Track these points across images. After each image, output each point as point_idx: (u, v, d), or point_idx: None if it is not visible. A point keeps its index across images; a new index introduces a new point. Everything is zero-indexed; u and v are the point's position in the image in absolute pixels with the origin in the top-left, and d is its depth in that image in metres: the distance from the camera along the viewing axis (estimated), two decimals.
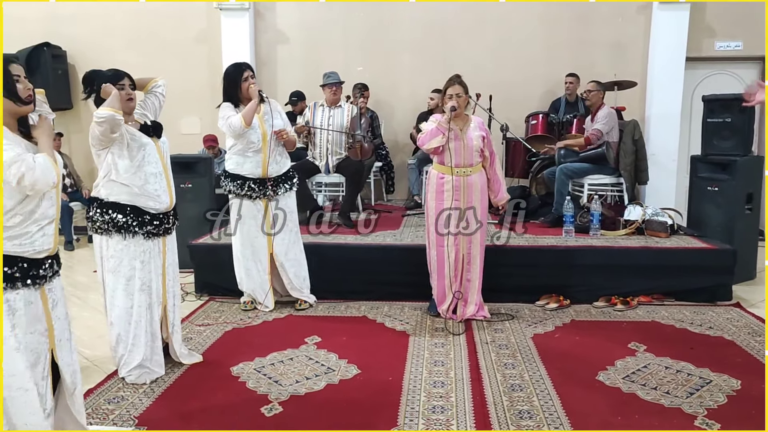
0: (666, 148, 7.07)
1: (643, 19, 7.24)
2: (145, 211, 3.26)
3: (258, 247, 4.50)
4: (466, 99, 4.21)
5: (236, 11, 7.29)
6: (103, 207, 3.23)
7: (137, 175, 3.22)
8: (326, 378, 3.40)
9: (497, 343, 3.90)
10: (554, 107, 7.03)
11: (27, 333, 2.32)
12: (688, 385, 3.27)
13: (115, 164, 3.19)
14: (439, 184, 4.24)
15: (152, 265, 3.34)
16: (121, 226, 3.22)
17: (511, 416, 2.96)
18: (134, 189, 3.22)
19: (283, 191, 4.48)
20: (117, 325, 3.31)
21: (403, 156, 7.61)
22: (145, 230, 3.26)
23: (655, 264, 4.80)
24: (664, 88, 7.03)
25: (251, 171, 4.40)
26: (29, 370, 2.32)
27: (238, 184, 4.43)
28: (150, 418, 2.96)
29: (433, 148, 4.18)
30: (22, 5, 7.20)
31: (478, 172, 4.25)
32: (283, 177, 4.48)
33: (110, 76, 3.22)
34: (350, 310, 4.62)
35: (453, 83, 4.19)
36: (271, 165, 4.39)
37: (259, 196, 4.41)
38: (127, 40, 7.48)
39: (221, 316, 4.50)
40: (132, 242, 3.25)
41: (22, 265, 2.28)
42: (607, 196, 6.18)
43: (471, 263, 4.30)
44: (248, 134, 4.32)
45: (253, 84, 4.30)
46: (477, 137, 4.19)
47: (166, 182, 3.35)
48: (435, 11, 7.38)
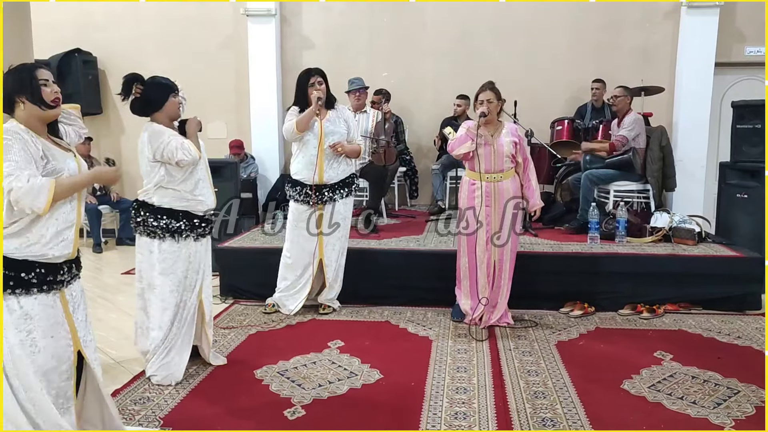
0: (694, 155, 6.96)
1: (671, 24, 7.16)
2: (194, 215, 3.38)
3: (306, 252, 4.50)
4: (497, 105, 4.20)
5: (263, 17, 7.37)
6: (156, 213, 3.32)
7: (188, 182, 3.35)
8: (349, 382, 3.41)
9: (521, 350, 3.88)
10: (580, 113, 6.98)
11: (47, 337, 2.32)
12: (715, 395, 3.22)
13: (170, 174, 3.31)
14: (471, 190, 4.24)
15: (199, 266, 3.46)
16: (175, 230, 3.33)
17: (534, 423, 2.94)
18: (186, 195, 3.34)
19: (340, 197, 4.48)
20: (160, 325, 3.38)
21: (427, 161, 7.61)
22: (196, 233, 3.39)
23: (682, 272, 4.73)
24: (693, 94, 6.94)
25: (308, 177, 4.42)
26: (45, 376, 2.32)
27: (297, 189, 4.48)
28: (175, 419, 2.99)
29: (463, 153, 4.17)
30: (55, 12, 7.35)
31: (509, 178, 4.22)
32: (340, 183, 4.48)
33: (169, 86, 3.33)
34: (373, 314, 4.62)
35: (485, 89, 4.18)
36: (327, 171, 4.41)
37: (316, 202, 4.44)
38: (156, 46, 7.60)
39: (245, 319, 4.54)
40: (183, 244, 3.36)
41: (39, 270, 2.30)
42: (633, 202, 6.11)
43: (502, 270, 4.28)
44: (306, 139, 4.37)
45: (315, 90, 4.33)
46: (508, 143, 4.16)
47: (209, 184, 3.48)
48: (460, 16, 7.38)
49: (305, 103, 4.39)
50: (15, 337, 2.26)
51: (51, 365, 2.34)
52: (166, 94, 3.30)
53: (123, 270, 5.95)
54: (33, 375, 2.29)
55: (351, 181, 4.59)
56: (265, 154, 7.52)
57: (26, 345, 2.28)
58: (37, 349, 2.30)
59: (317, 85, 4.35)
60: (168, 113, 3.34)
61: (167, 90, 3.32)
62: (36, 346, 2.29)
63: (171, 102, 3.32)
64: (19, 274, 2.26)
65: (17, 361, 2.27)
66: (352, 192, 4.60)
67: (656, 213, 5.47)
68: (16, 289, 2.26)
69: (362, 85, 5.90)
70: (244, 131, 7.68)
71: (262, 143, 7.52)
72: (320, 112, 4.40)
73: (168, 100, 3.31)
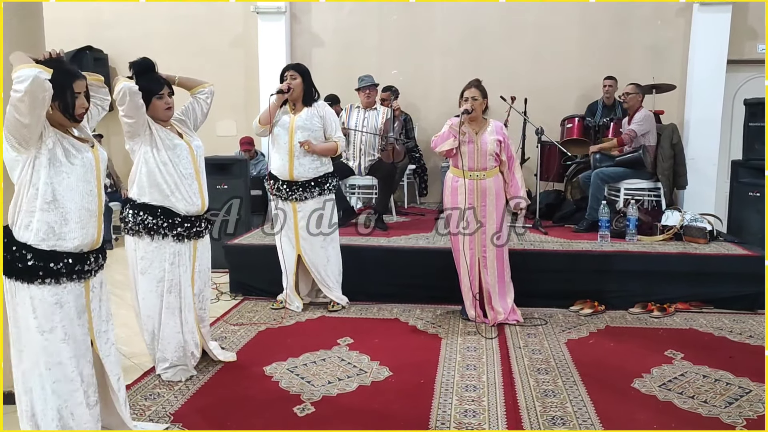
0: (706, 153, 6.92)
1: (683, 21, 7.11)
2: (175, 213, 3.28)
3: (288, 246, 4.54)
4: (482, 103, 4.16)
5: (273, 15, 7.38)
6: (135, 208, 3.27)
7: (168, 173, 3.24)
8: (358, 379, 3.41)
9: (530, 348, 3.87)
10: (591, 111, 6.94)
11: (75, 325, 2.40)
12: (726, 394, 3.19)
13: (146, 161, 3.23)
14: (454, 187, 4.23)
15: (182, 268, 3.36)
16: (151, 227, 3.25)
17: (544, 422, 2.93)
18: (165, 189, 3.25)
19: (310, 196, 4.44)
20: (148, 325, 3.37)
21: (437, 159, 7.59)
22: (175, 232, 3.29)
23: (693, 271, 4.70)
24: (704, 92, 6.89)
25: (281, 172, 4.46)
26: (75, 360, 2.39)
27: (271, 183, 4.52)
28: (185, 415, 3.01)
29: (445, 150, 4.17)
30: (67, 10, 7.39)
31: (493, 176, 4.20)
32: (312, 182, 4.45)
33: (151, 86, 3.24)
34: (382, 312, 4.62)
35: (470, 87, 4.18)
36: (296, 168, 4.41)
37: (287, 198, 4.46)
38: (166, 43, 7.61)
39: (255, 315, 4.55)
40: (162, 244, 3.28)
41: (67, 260, 2.35)
42: (644, 201, 6.07)
43: (487, 266, 4.25)
44: (277, 134, 4.44)
45: (281, 85, 4.37)
46: (492, 141, 4.14)
47: (198, 185, 3.37)
48: (470, 14, 7.37)
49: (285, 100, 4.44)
50: (47, 324, 2.33)
51: (80, 351, 2.42)
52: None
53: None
54: (66, 363, 2.37)
55: (325, 180, 4.50)
56: None
57: (57, 332, 2.35)
58: (67, 336, 2.37)
59: (289, 79, 4.38)
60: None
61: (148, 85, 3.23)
62: (66, 333, 2.36)
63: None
64: (48, 264, 2.31)
65: (48, 348, 2.34)
66: (326, 192, 4.51)
67: (667, 211, 5.44)
68: (46, 278, 2.31)
69: (371, 82, 5.90)
70: (253, 129, 7.67)
71: None
72: (295, 108, 4.43)
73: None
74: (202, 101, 3.56)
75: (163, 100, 3.28)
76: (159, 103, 3.27)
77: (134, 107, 3.11)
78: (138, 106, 3.12)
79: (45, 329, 2.33)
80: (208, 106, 3.59)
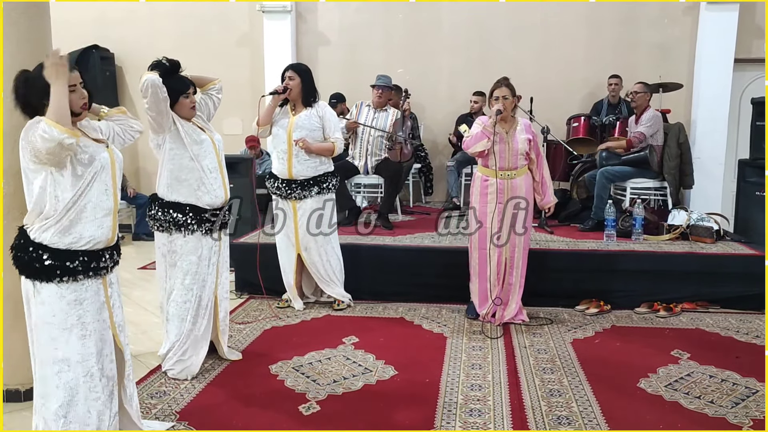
0: (712, 152, 6.89)
1: (690, 20, 7.08)
2: (203, 209, 3.37)
3: (288, 245, 4.56)
4: (513, 102, 4.15)
5: (278, 13, 7.39)
6: (164, 207, 3.35)
7: (195, 168, 3.33)
8: (363, 378, 3.41)
9: (536, 348, 3.86)
10: (596, 109, 6.92)
11: (95, 321, 2.43)
12: (733, 394, 3.18)
13: (173, 157, 3.31)
14: (483, 186, 4.21)
15: (209, 261, 3.44)
16: (182, 224, 3.33)
17: (549, 421, 2.93)
18: (193, 184, 3.33)
19: (309, 195, 4.45)
20: (173, 319, 3.41)
21: (442, 158, 7.59)
22: (204, 228, 3.37)
23: (699, 270, 4.68)
24: (711, 91, 6.86)
25: (280, 171, 4.49)
26: (97, 356, 2.43)
27: (271, 182, 4.55)
28: (190, 414, 3.02)
29: (478, 152, 4.15)
30: (73, 9, 7.41)
31: (523, 175, 4.19)
32: (312, 180, 4.46)
33: (179, 85, 3.33)
34: (388, 311, 4.62)
35: (500, 85, 4.14)
36: (295, 167, 4.42)
37: (287, 196, 4.47)
38: (172, 42, 7.61)
39: (260, 314, 4.56)
40: (191, 239, 3.37)
41: (83, 258, 2.37)
42: (650, 200, 6.06)
43: (513, 267, 4.25)
44: (276, 133, 4.46)
45: (277, 86, 4.39)
46: (523, 140, 4.13)
47: (221, 178, 3.46)
48: (476, 13, 7.35)
49: (287, 98, 4.45)
50: (67, 322, 2.36)
51: (99, 347, 2.44)
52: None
53: (140, 265, 5.98)
54: (87, 360, 2.39)
55: (324, 179, 4.50)
56: None
57: (77, 329, 2.38)
58: (87, 332, 2.40)
59: (287, 80, 4.39)
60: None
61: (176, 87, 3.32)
62: (86, 329, 2.39)
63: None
64: (64, 263, 2.34)
65: (69, 346, 2.37)
66: (325, 191, 4.51)
67: (673, 210, 5.42)
68: (63, 276, 2.34)
69: (388, 84, 5.89)
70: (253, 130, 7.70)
71: None
72: (295, 108, 4.44)
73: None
74: (214, 96, 3.65)
75: (189, 98, 3.38)
76: (185, 102, 3.36)
77: (158, 100, 3.17)
78: (161, 98, 3.18)
79: (65, 327, 2.36)
80: (219, 101, 3.69)
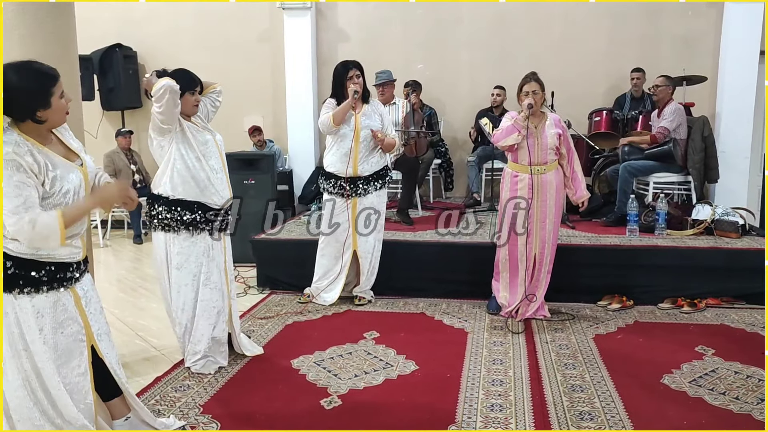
0: (738, 146, 6.77)
1: (714, 12, 6.96)
2: (209, 208, 3.34)
3: (340, 244, 4.55)
4: (542, 96, 4.13)
5: (298, 10, 7.41)
6: (169, 204, 3.30)
7: (203, 168, 3.31)
8: (384, 373, 3.42)
9: (557, 343, 3.85)
10: (619, 103, 6.85)
11: (57, 333, 2.31)
12: (758, 390, 3.14)
13: (181, 156, 3.27)
14: (513, 182, 4.19)
15: (217, 260, 3.43)
16: (189, 222, 3.30)
17: (572, 417, 2.91)
18: (200, 183, 3.31)
19: (374, 189, 4.51)
20: (182, 319, 3.42)
21: (463, 153, 7.57)
22: (211, 226, 3.36)
23: (724, 265, 4.62)
24: (736, 84, 6.74)
25: (343, 169, 4.46)
26: (57, 370, 2.31)
27: (330, 182, 4.53)
28: (213, 407, 3.05)
29: (509, 146, 4.13)
30: (97, 9, 7.50)
31: (553, 170, 4.16)
32: (374, 175, 4.52)
33: (188, 81, 3.34)
34: (408, 306, 4.63)
35: (529, 80, 4.10)
36: (361, 164, 4.45)
37: (350, 194, 4.47)
38: (194, 40, 7.70)
39: (282, 309, 4.59)
40: (199, 238, 3.35)
41: (49, 268, 2.27)
42: (673, 194, 5.99)
43: (542, 263, 4.23)
44: (343, 132, 4.42)
45: (353, 83, 4.37)
46: (553, 135, 4.09)
47: (225, 177, 3.46)
48: (496, 6, 7.31)
49: (342, 96, 4.42)
50: (29, 335, 2.25)
51: (62, 360, 2.33)
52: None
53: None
54: (48, 371, 2.29)
55: (384, 173, 4.61)
56: (301, 147, 7.58)
57: (38, 341, 2.26)
58: (48, 346, 2.28)
59: (355, 79, 4.38)
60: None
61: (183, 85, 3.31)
62: (47, 342, 2.27)
63: None
64: (29, 273, 2.23)
65: (33, 357, 2.27)
66: (386, 184, 4.61)
67: (698, 205, 5.35)
68: (25, 288, 2.23)
69: (387, 78, 5.90)
70: (280, 124, 7.76)
71: (298, 136, 7.58)
72: (356, 106, 4.44)
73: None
74: (215, 98, 3.66)
75: (194, 96, 3.39)
76: (190, 98, 3.36)
77: (172, 106, 3.16)
78: (175, 104, 3.17)
79: (28, 339, 2.25)
80: (220, 104, 3.69)
